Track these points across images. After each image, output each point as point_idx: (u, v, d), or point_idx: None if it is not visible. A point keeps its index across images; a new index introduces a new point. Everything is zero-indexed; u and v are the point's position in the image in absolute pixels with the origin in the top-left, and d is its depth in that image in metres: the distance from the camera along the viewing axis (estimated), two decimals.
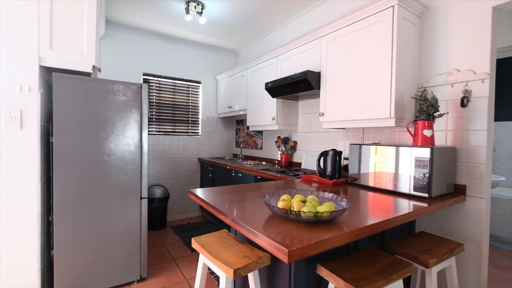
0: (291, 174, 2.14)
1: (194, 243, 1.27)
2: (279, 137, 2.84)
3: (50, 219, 1.78)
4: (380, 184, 1.61)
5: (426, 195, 1.38)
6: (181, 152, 3.52)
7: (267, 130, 3.18)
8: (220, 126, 3.86)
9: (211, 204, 1.19)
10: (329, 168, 1.89)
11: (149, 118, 3.24)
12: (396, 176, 1.52)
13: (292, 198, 1.13)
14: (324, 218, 0.91)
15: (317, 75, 2.09)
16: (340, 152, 1.86)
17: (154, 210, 3.08)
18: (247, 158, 3.57)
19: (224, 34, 3.29)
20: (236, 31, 3.18)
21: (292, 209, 0.98)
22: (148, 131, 3.23)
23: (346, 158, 2.01)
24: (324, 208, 0.94)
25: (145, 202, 2.02)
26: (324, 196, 1.14)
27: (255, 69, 2.91)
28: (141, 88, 1.99)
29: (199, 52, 3.63)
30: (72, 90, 1.71)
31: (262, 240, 0.83)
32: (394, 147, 1.54)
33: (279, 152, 2.98)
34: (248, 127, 3.41)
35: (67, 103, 1.70)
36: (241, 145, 3.73)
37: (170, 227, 3.25)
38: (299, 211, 0.91)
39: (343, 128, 2.27)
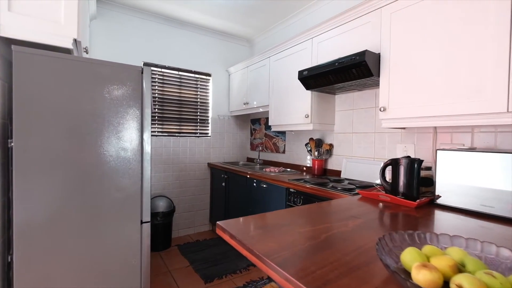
0: (339, 188, 1.63)
1: None
2: (311, 138, 2.32)
3: (9, 260, 1.25)
4: (497, 209, 1.09)
5: None
6: (188, 156, 3.00)
7: (292, 131, 2.66)
8: (233, 126, 3.34)
9: (294, 281, 0.66)
10: (402, 183, 1.36)
11: (151, 114, 2.72)
12: None
13: (423, 255, 0.61)
14: None
15: (376, 58, 1.58)
16: (420, 161, 1.34)
17: (157, 226, 2.56)
18: (266, 163, 3.05)
19: (240, 17, 2.77)
20: (255, 12, 2.66)
21: None
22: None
23: (428, 168, 1.50)
24: None
25: (147, 228, 1.50)
26: (500, 257, 0.60)
27: (280, 57, 2.39)
28: (142, 73, 1.47)
29: (210, 40, 3.12)
30: (42, 72, 1.19)
31: None
32: None
33: (310, 157, 2.46)
34: (270, 127, 2.89)
35: (33, 91, 1.17)
36: (259, 148, 3.21)
37: (175, 246, 2.72)
38: None
39: (403, 128, 1.75)
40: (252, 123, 3.36)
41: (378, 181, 1.86)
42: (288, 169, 2.56)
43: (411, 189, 1.34)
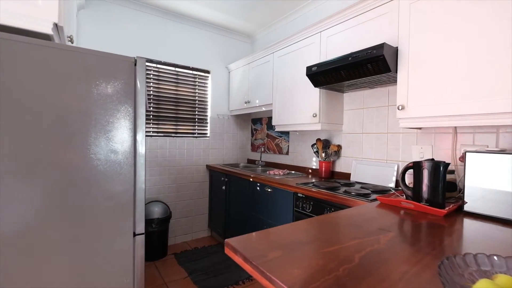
0: (353, 194, 1.48)
1: None
2: (318, 139, 2.17)
3: None
4: None
5: None
6: (185, 158, 2.83)
7: (297, 132, 2.51)
8: (232, 125, 3.18)
9: None
10: (425, 188, 1.22)
11: (145, 113, 2.55)
12: None
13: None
14: None
15: (393, 52, 1.44)
16: (446, 165, 1.20)
17: (152, 234, 2.38)
18: (268, 165, 2.90)
19: (242, 10, 2.61)
20: (257, 5, 2.51)
21: None
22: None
23: (450, 172, 1.36)
24: None
25: (141, 240, 1.33)
26: None
27: (285, 52, 2.24)
28: (135, 65, 1.31)
29: (209, 35, 2.95)
30: (16, 61, 1.01)
31: None
32: None
33: (317, 159, 2.32)
34: (272, 127, 2.74)
35: (5, 83, 1.00)
36: (260, 149, 3.06)
37: (172, 254, 2.55)
38: None
39: (419, 128, 1.62)
40: (253, 123, 3.21)
41: (392, 185, 1.73)
42: (293, 172, 2.41)
43: (436, 195, 1.20)
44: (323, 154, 2.13)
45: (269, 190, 2.02)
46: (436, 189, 1.20)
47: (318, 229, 0.91)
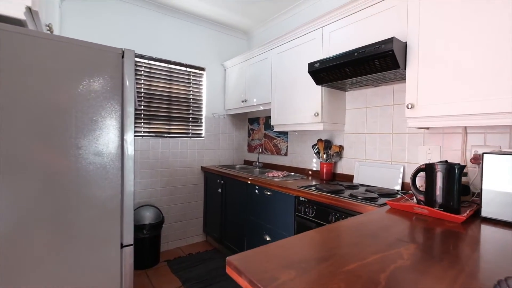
0: (360, 198, 1.38)
1: None
2: (320, 139, 2.07)
3: None
4: None
5: None
6: (179, 159, 2.70)
7: (296, 132, 2.41)
8: (229, 125, 3.05)
9: None
10: (439, 192, 1.14)
11: (135, 112, 2.41)
12: None
13: None
14: None
15: (402, 48, 1.35)
16: (462, 167, 1.11)
17: (143, 241, 2.24)
18: (266, 166, 2.79)
19: (239, 4, 2.50)
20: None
21: None
22: (135, 131, 2.40)
23: (464, 174, 1.28)
24: None
25: (129, 252, 1.20)
26: None
27: (284, 48, 2.14)
28: (122, 57, 1.18)
29: (203, 31, 2.83)
30: None
31: None
32: None
33: (318, 160, 2.22)
34: (269, 127, 2.63)
35: None
36: (257, 150, 2.95)
37: (165, 261, 2.41)
38: None
39: (427, 128, 1.54)
40: (250, 122, 3.09)
41: (398, 187, 1.64)
42: (292, 173, 2.31)
43: (451, 200, 1.11)
44: (325, 155, 2.04)
45: (268, 193, 1.91)
46: (451, 193, 1.12)
47: (331, 240, 0.80)
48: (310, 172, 2.29)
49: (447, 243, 0.81)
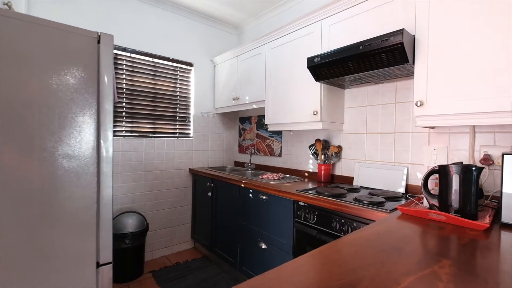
0: (366, 202, 1.28)
1: None
2: (318, 139, 1.96)
3: None
4: None
5: None
6: (165, 161, 2.50)
7: (291, 131, 2.29)
8: (218, 125, 2.89)
9: None
10: (454, 196, 1.05)
11: (116, 110, 2.20)
12: None
13: None
14: None
15: (410, 41, 1.26)
16: (480, 169, 1.02)
17: (125, 251, 2.03)
18: (259, 168, 2.65)
19: None
20: None
21: None
22: (115, 130, 2.19)
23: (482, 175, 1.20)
24: None
25: (108, 272, 1.02)
26: None
27: (279, 43, 2.01)
28: (98, 42, 1.00)
29: (192, 24, 2.65)
30: None
31: None
32: None
33: (314, 161, 2.11)
34: (262, 126, 2.50)
35: None
36: (249, 150, 2.80)
37: (150, 272, 2.21)
38: None
39: (432, 127, 1.46)
40: (241, 122, 2.94)
41: (402, 190, 1.55)
42: (287, 175, 2.19)
43: (468, 205, 1.02)
44: (323, 156, 1.93)
45: (264, 197, 1.77)
46: (468, 198, 1.03)
47: (351, 258, 0.67)
48: (306, 174, 2.17)
49: (481, 257, 0.70)
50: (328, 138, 2.02)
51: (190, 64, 2.66)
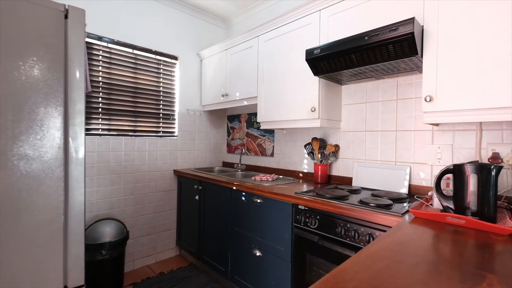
0: (372, 205, 1.18)
1: None
2: (315, 138, 1.86)
3: None
4: None
5: None
6: (147, 162, 2.29)
7: (284, 130, 2.17)
8: (205, 123, 2.71)
9: None
10: (471, 197, 0.98)
11: (90, 105, 1.97)
12: None
13: None
14: None
15: (419, 31, 1.18)
16: (499, 168, 0.95)
17: (102, 264, 1.81)
18: (249, 169, 2.51)
19: None
20: None
21: None
22: (91, 128, 1.96)
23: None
24: None
25: None
26: None
27: (273, 35, 1.89)
28: (66, 17, 0.82)
29: (177, 14, 2.46)
30: None
31: None
32: None
33: (310, 161, 2.00)
34: (253, 125, 2.37)
35: None
36: (239, 150, 2.65)
37: (131, 284, 2.00)
38: None
39: (437, 125, 1.39)
40: (229, 120, 2.78)
41: (405, 190, 1.48)
42: (281, 176, 2.07)
43: (487, 207, 0.95)
44: (319, 156, 1.82)
45: (258, 200, 1.63)
46: (486, 199, 0.95)
47: (384, 277, 0.55)
48: (300, 175, 2.06)
49: None
50: (324, 136, 1.92)
51: (175, 58, 2.47)
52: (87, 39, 1.96)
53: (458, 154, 1.34)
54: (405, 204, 1.22)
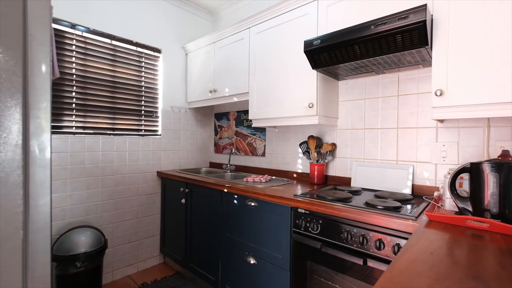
0: (380, 207, 1.09)
1: None
2: (311, 136, 1.76)
3: None
4: None
5: None
6: (127, 163, 2.09)
7: (276, 128, 2.06)
8: (191, 121, 2.54)
9: None
10: (491, 198, 0.92)
11: (62, 100, 1.75)
12: None
13: None
14: None
15: (429, 20, 1.11)
16: None
17: (77, 277, 1.61)
18: (239, 169, 2.37)
19: None
20: None
21: None
22: (62, 126, 1.74)
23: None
24: None
25: None
26: None
27: (266, 27, 1.77)
28: None
29: (160, 4, 2.27)
30: None
31: None
32: None
33: (306, 161, 1.90)
34: (242, 123, 2.24)
35: None
36: (228, 150, 2.51)
37: None
38: None
39: (441, 121, 1.34)
40: (217, 118, 2.63)
41: (408, 190, 1.42)
42: (274, 177, 1.96)
43: (509, 209, 0.89)
44: (316, 155, 1.73)
45: (252, 203, 1.51)
46: (508, 200, 0.89)
47: None
48: (295, 175, 1.96)
49: None
50: (320, 135, 1.83)
51: (158, 51, 2.28)
52: (58, 26, 1.74)
53: (464, 152, 1.29)
54: (412, 206, 1.15)
